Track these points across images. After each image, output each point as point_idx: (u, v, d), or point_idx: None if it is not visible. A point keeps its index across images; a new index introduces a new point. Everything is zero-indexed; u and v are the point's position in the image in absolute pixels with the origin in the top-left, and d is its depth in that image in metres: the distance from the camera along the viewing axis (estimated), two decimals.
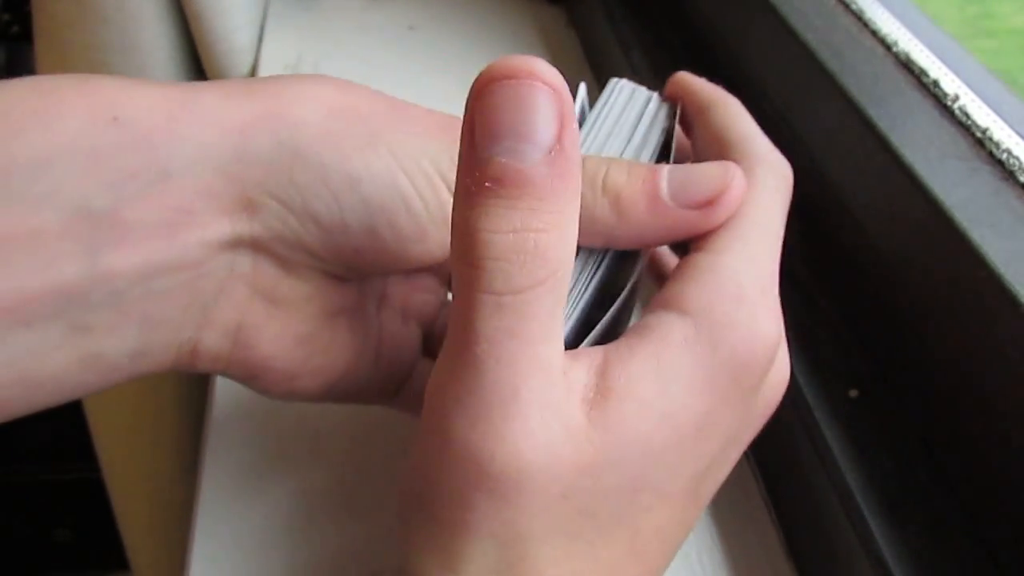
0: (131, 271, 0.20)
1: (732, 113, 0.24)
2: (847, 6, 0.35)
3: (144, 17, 0.49)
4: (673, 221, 0.21)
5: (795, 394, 0.29)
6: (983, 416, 0.25)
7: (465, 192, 0.17)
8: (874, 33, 0.34)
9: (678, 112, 0.26)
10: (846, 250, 0.32)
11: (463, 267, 0.17)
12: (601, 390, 0.19)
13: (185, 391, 0.57)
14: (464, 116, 0.17)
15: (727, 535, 0.30)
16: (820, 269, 0.33)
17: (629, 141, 0.24)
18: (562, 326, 0.18)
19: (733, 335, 0.19)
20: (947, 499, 0.26)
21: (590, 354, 0.20)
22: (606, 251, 0.22)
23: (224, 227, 0.21)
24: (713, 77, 0.28)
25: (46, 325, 0.20)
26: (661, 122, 0.25)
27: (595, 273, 0.22)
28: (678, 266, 0.21)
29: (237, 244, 0.22)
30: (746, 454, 0.33)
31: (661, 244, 0.22)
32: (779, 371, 0.22)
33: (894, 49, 0.32)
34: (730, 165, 0.21)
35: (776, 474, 0.31)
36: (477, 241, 0.17)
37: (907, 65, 0.31)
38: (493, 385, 0.18)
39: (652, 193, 0.21)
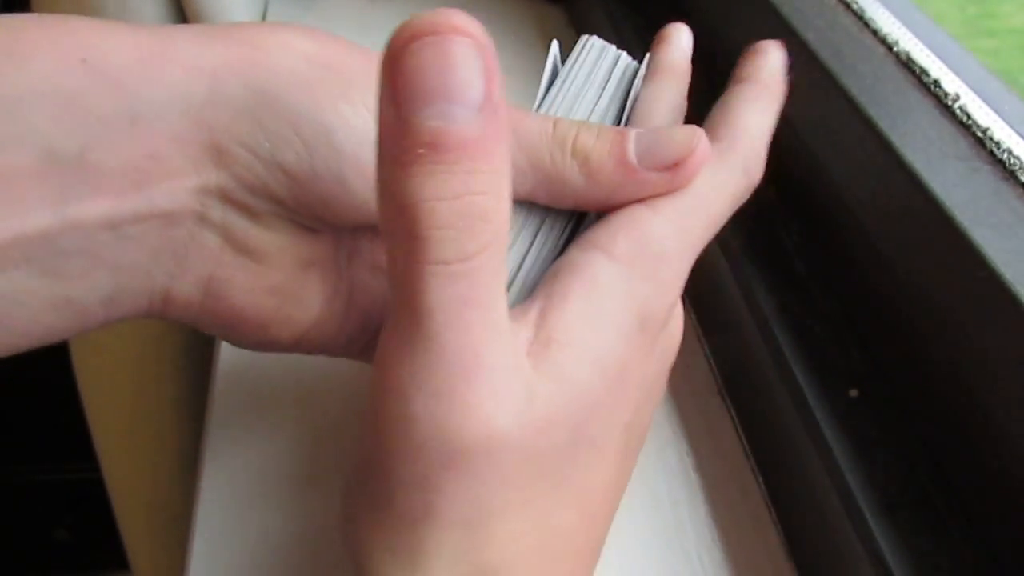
0: (100, 219, 0.20)
1: (754, 98, 0.24)
2: (847, 6, 0.35)
3: (144, 17, 0.49)
4: (640, 183, 0.21)
5: (795, 394, 0.29)
6: (983, 416, 0.25)
7: (394, 161, 0.16)
8: (874, 33, 0.34)
9: (641, 72, 0.26)
10: (846, 250, 0.32)
11: (404, 239, 0.17)
12: (542, 340, 0.19)
13: (185, 391, 0.57)
14: (382, 79, 0.16)
15: (727, 535, 0.30)
16: (820, 269, 0.33)
17: (597, 101, 0.25)
18: (505, 286, 0.18)
19: (646, 288, 0.20)
20: (947, 499, 0.26)
21: (524, 308, 0.20)
22: (573, 214, 0.23)
23: (191, 177, 0.21)
24: (713, 77, 0.28)
25: (16, 270, 0.19)
26: (627, 82, 0.26)
27: (563, 235, 0.23)
28: (615, 211, 0.22)
29: (205, 193, 0.21)
30: (746, 454, 0.33)
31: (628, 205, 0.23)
32: (675, 325, 0.24)
33: (895, 49, 0.32)
34: (695, 129, 0.22)
35: (776, 474, 0.31)
36: (420, 211, 0.16)
37: (907, 65, 0.31)
38: (453, 356, 0.17)
39: (620, 156, 0.21)
